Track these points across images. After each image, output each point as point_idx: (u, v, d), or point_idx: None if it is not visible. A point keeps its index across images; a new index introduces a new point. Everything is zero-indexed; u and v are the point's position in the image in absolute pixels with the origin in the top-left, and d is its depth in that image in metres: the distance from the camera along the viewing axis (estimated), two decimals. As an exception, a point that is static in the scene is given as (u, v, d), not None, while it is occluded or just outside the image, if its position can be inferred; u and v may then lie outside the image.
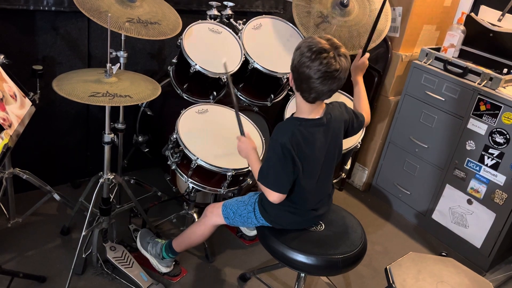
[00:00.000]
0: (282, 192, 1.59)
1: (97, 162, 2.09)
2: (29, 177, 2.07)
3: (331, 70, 1.45)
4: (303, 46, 1.49)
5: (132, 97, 1.68)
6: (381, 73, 2.80)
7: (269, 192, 1.60)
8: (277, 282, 2.19)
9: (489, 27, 2.53)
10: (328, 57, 1.44)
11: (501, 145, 2.32)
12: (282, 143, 1.53)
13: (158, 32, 1.98)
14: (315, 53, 1.44)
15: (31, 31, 2.18)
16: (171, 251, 2.00)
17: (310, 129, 1.58)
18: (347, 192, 3.07)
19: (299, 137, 1.55)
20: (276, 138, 1.56)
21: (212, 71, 2.12)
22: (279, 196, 1.59)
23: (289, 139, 1.53)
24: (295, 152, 1.54)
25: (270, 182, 1.59)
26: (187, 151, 1.94)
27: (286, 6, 2.92)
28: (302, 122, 1.58)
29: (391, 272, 1.60)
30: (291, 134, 1.54)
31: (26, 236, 2.20)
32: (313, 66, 1.45)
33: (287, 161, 1.55)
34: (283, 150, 1.53)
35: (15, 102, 1.74)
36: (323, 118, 1.61)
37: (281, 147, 1.53)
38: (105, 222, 2.02)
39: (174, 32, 2.05)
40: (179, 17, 2.14)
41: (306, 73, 1.47)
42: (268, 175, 1.60)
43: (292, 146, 1.53)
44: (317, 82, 1.47)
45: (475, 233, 2.50)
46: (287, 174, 1.57)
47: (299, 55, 1.49)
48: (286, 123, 1.61)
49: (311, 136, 1.58)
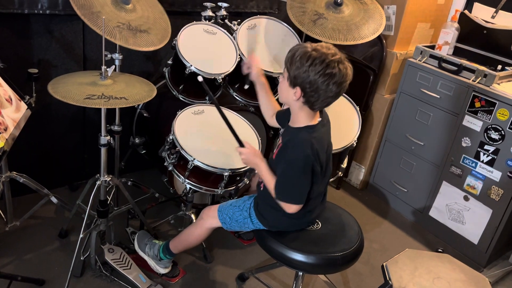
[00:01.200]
0: (302, 203, 1.61)
1: (94, 165, 2.09)
2: (26, 181, 2.07)
3: (341, 81, 1.49)
4: (311, 57, 1.46)
5: (127, 99, 1.68)
6: (376, 72, 2.81)
7: (289, 206, 1.60)
8: (275, 281, 2.20)
9: (483, 24, 2.55)
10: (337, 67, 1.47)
11: (496, 141, 2.33)
12: (306, 155, 1.53)
13: (146, 42, 1.97)
14: (324, 65, 1.46)
15: (26, 34, 2.18)
16: (168, 252, 2.00)
17: (319, 133, 1.59)
18: (345, 190, 3.08)
19: (317, 146, 1.56)
20: (295, 150, 1.55)
21: (208, 72, 2.12)
22: (297, 207, 1.61)
23: (310, 151, 1.53)
24: (316, 162, 1.55)
25: (290, 195, 1.60)
26: (184, 152, 1.95)
27: (280, 6, 2.93)
28: (313, 129, 1.58)
29: (388, 268, 1.61)
30: (311, 145, 1.54)
31: (24, 239, 2.20)
32: (324, 77, 1.46)
33: (307, 174, 1.56)
34: (307, 162, 1.53)
35: (10, 106, 1.75)
36: (323, 119, 1.64)
37: (304, 159, 1.53)
38: (102, 224, 2.03)
39: (162, 42, 2.05)
40: (169, 25, 2.15)
41: (317, 82, 1.47)
42: (287, 189, 1.59)
43: (314, 156, 1.54)
44: (328, 91, 1.49)
45: (472, 230, 2.51)
46: (307, 184, 1.58)
47: (306, 65, 1.47)
48: (301, 137, 1.58)
49: (322, 140, 1.60)
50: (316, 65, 1.46)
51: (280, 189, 1.60)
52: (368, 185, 3.08)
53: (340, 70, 1.47)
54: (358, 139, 2.28)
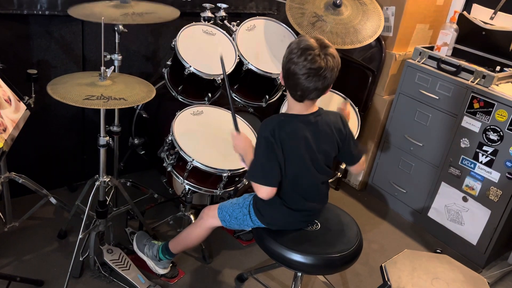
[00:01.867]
0: (270, 185, 1.59)
1: (94, 165, 2.09)
2: (25, 181, 2.07)
3: (315, 67, 1.48)
4: (293, 43, 1.53)
5: (126, 100, 1.68)
6: (375, 73, 2.81)
7: (258, 187, 1.60)
8: (274, 282, 2.20)
9: (482, 26, 2.55)
10: (314, 54, 1.47)
11: (495, 142, 2.33)
12: (265, 136, 1.56)
13: (156, 17, 2.02)
14: (302, 50, 1.49)
15: (25, 35, 2.18)
16: (167, 253, 2.00)
17: (294, 124, 1.59)
18: (344, 191, 3.08)
19: (282, 130, 1.57)
20: (260, 132, 1.59)
21: (207, 73, 2.12)
22: (267, 190, 1.59)
23: (270, 132, 1.55)
24: (277, 144, 1.56)
25: (257, 176, 1.60)
26: (183, 153, 1.95)
27: (280, 7, 2.93)
28: (286, 118, 1.61)
29: (386, 269, 1.61)
30: (272, 127, 1.56)
31: (23, 240, 2.20)
32: (299, 62, 1.49)
33: (270, 153, 1.56)
34: (266, 143, 1.56)
35: (9, 107, 1.75)
36: (309, 116, 1.62)
37: (264, 140, 1.56)
38: (101, 225, 2.03)
39: (171, 16, 2.07)
40: (174, 9, 2.16)
41: (291, 69, 1.51)
42: (255, 170, 1.61)
43: (274, 138, 1.55)
44: (302, 79, 1.50)
45: (471, 230, 2.51)
46: (272, 166, 1.58)
47: (288, 52, 1.54)
48: (270, 118, 1.63)
49: (295, 131, 1.59)
50: (292, 49, 1.51)
51: (250, 168, 1.63)
52: (367, 185, 3.09)
53: (313, 58, 1.48)
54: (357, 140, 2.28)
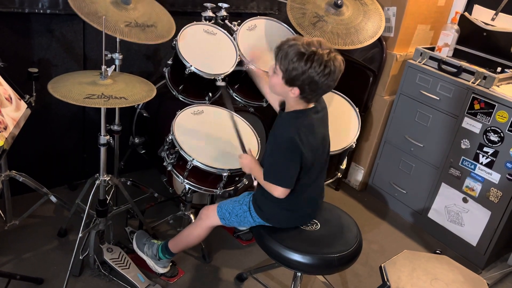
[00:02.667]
0: (288, 187, 1.61)
1: (94, 164, 2.09)
2: (25, 180, 2.07)
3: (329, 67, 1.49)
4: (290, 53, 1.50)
5: (127, 99, 1.68)
6: (376, 73, 2.81)
7: (274, 188, 1.61)
8: (274, 281, 2.20)
9: (483, 27, 2.55)
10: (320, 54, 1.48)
11: (495, 143, 2.33)
12: (290, 137, 1.54)
13: (156, 36, 2.01)
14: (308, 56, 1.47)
15: (26, 33, 2.19)
16: (167, 252, 2.00)
17: (309, 118, 1.60)
18: (344, 191, 3.08)
19: (304, 129, 1.57)
20: (281, 133, 1.58)
21: (207, 72, 2.12)
22: (283, 191, 1.61)
23: (295, 133, 1.54)
24: (303, 145, 1.55)
25: (275, 177, 1.61)
26: (183, 152, 1.95)
27: (281, 7, 2.93)
28: (301, 114, 1.60)
29: (386, 270, 1.61)
30: (296, 127, 1.55)
31: (23, 238, 2.20)
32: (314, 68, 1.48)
33: (294, 155, 1.56)
34: (291, 144, 1.54)
35: (10, 105, 1.75)
36: (317, 106, 1.64)
37: (289, 141, 1.54)
38: (101, 224, 2.03)
39: (169, 34, 2.08)
40: (170, 17, 2.17)
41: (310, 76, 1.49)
42: (273, 170, 1.62)
43: (300, 139, 1.54)
44: (322, 80, 1.50)
45: (471, 231, 2.51)
46: (294, 167, 1.59)
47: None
48: (286, 118, 1.62)
49: (312, 125, 1.60)
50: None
51: (266, 170, 1.63)
52: (367, 186, 3.08)
53: (336, 66, 1.50)
54: (358, 140, 2.29)
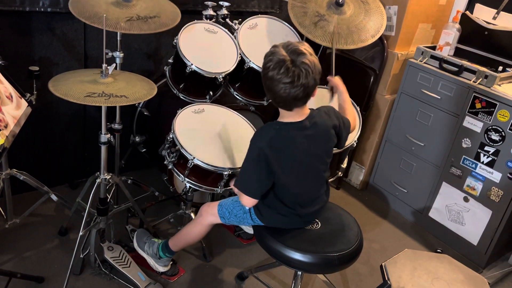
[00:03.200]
0: (252, 197, 1.61)
1: (95, 163, 2.09)
2: (26, 178, 2.07)
3: (289, 81, 1.45)
4: (265, 57, 1.50)
5: (128, 97, 1.68)
6: (377, 72, 2.81)
7: (242, 196, 1.62)
8: (274, 280, 2.20)
9: (484, 25, 2.54)
10: (285, 66, 1.45)
11: (496, 142, 2.33)
12: (260, 147, 1.54)
13: (160, 25, 1.99)
14: (274, 63, 1.46)
15: (27, 32, 2.19)
16: (167, 251, 2.00)
17: (290, 132, 1.58)
18: (345, 190, 3.08)
19: (278, 141, 1.55)
20: (254, 141, 1.57)
21: (208, 71, 2.12)
22: (250, 200, 1.61)
23: (267, 143, 1.53)
24: (273, 156, 1.54)
25: (243, 185, 1.62)
26: (184, 151, 1.95)
27: (282, 6, 2.93)
28: (281, 126, 1.59)
29: (386, 268, 1.61)
30: (269, 138, 1.55)
31: (24, 237, 2.20)
32: (273, 76, 1.47)
33: (260, 166, 1.55)
34: (259, 154, 1.54)
35: (11, 103, 1.75)
36: (304, 121, 1.60)
37: (258, 150, 1.54)
38: (102, 222, 2.03)
39: (174, 22, 2.05)
40: (176, 7, 2.15)
41: (267, 84, 1.51)
42: (242, 177, 1.62)
43: (270, 150, 1.53)
44: (281, 92, 1.48)
45: (472, 231, 2.51)
46: (259, 179, 1.58)
47: (262, 67, 1.51)
48: (266, 127, 1.62)
49: (292, 139, 1.58)
50: (266, 67, 1.49)
51: (239, 176, 1.64)
52: (368, 185, 3.08)
53: (288, 73, 1.45)
54: (359, 139, 2.29)
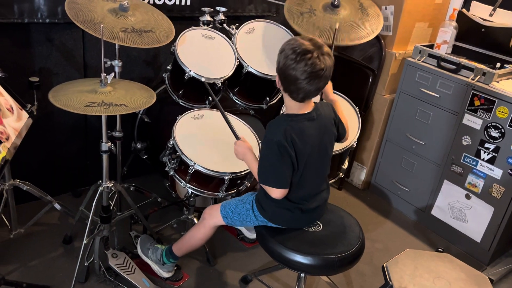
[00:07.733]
0: (283, 187, 1.63)
1: (97, 171, 2.10)
2: (29, 188, 2.09)
3: (316, 70, 1.49)
4: (287, 49, 1.52)
5: (127, 106, 1.70)
6: (375, 72, 2.81)
7: (271, 190, 1.63)
8: (278, 283, 2.21)
9: (481, 23, 2.55)
10: (313, 57, 1.47)
11: (496, 139, 2.33)
12: (277, 140, 1.56)
13: (153, 40, 2.01)
14: (300, 55, 1.48)
15: (26, 43, 2.20)
16: (171, 256, 2.02)
17: (301, 124, 1.61)
18: (347, 191, 3.09)
19: (292, 133, 1.58)
20: (271, 137, 1.59)
21: (207, 77, 2.14)
22: (281, 192, 1.63)
23: (283, 136, 1.56)
24: (290, 148, 1.57)
25: (270, 180, 1.63)
26: (184, 157, 1.96)
27: (279, 9, 2.94)
28: (292, 118, 1.61)
29: (388, 269, 1.62)
30: (284, 130, 1.57)
31: (28, 246, 2.22)
32: (298, 67, 1.48)
33: (284, 158, 1.58)
34: (279, 147, 1.56)
35: (12, 115, 1.77)
36: (312, 112, 1.64)
37: (277, 145, 1.56)
38: (106, 230, 2.04)
39: (168, 39, 2.08)
40: (171, 23, 2.17)
41: (292, 75, 1.51)
42: (267, 173, 1.63)
43: (287, 142, 1.56)
44: (304, 83, 1.51)
45: (475, 228, 2.51)
46: (286, 169, 1.61)
47: (284, 58, 1.52)
48: (277, 121, 1.64)
49: (303, 131, 1.61)
50: (288, 55, 1.50)
51: (260, 172, 1.65)
52: (370, 185, 3.09)
53: (313, 61, 1.48)
54: (359, 140, 2.29)
